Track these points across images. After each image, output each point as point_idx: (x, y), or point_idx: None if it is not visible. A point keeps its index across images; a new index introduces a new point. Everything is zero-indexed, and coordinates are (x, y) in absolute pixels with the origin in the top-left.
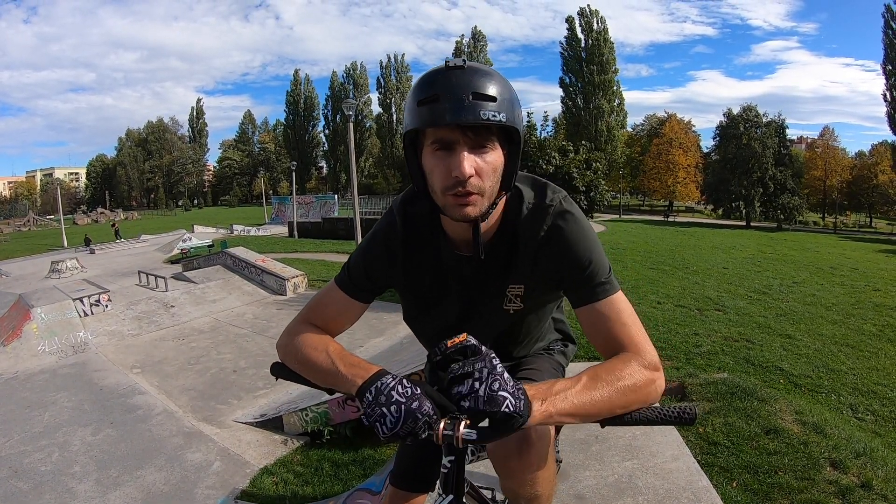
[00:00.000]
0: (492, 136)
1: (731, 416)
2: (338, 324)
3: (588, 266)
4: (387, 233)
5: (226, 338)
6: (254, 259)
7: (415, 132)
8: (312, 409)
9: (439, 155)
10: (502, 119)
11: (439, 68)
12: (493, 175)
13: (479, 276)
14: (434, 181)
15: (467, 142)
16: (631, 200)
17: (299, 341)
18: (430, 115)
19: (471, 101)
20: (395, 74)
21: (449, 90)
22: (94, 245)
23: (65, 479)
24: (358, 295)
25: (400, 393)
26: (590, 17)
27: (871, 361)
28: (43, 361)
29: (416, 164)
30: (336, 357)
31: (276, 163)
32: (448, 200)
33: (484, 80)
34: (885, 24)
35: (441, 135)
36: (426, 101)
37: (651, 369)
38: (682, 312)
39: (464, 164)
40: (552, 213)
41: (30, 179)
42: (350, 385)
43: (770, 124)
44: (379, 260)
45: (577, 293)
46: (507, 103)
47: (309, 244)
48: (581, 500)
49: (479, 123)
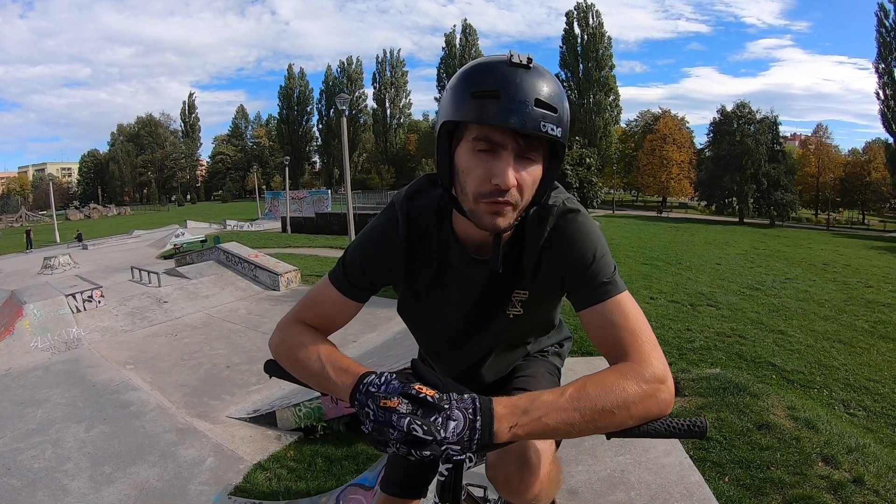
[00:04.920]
0: (540, 147)
1: (724, 412)
2: (332, 323)
3: (590, 265)
4: (386, 229)
5: (219, 333)
6: (247, 254)
7: (454, 124)
8: (306, 404)
9: (481, 156)
10: (558, 134)
11: (499, 60)
12: (531, 188)
13: (491, 282)
14: (468, 182)
15: (515, 148)
16: (624, 196)
17: (290, 341)
18: (485, 110)
19: (532, 108)
20: (390, 69)
21: (511, 89)
22: (86, 241)
23: (58, 476)
24: (353, 293)
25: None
26: (586, 12)
27: (863, 357)
28: (35, 358)
29: (448, 158)
30: (326, 360)
31: (270, 157)
32: (480, 206)
33: (548, 87)
34: (878, 22)
35: (489, 134)
36: (483, 95)
37: (653, 381)
38: (675, 308)
39: (508, 172)
40: (555, 214)
41: (22, 175)
42: (340, 391)
43: (763, 121)
44: (377, 258)
45: (579, 294)
46: (565, 116)
47: (302, 239)
48: (574, 494)
49: (536, 134)
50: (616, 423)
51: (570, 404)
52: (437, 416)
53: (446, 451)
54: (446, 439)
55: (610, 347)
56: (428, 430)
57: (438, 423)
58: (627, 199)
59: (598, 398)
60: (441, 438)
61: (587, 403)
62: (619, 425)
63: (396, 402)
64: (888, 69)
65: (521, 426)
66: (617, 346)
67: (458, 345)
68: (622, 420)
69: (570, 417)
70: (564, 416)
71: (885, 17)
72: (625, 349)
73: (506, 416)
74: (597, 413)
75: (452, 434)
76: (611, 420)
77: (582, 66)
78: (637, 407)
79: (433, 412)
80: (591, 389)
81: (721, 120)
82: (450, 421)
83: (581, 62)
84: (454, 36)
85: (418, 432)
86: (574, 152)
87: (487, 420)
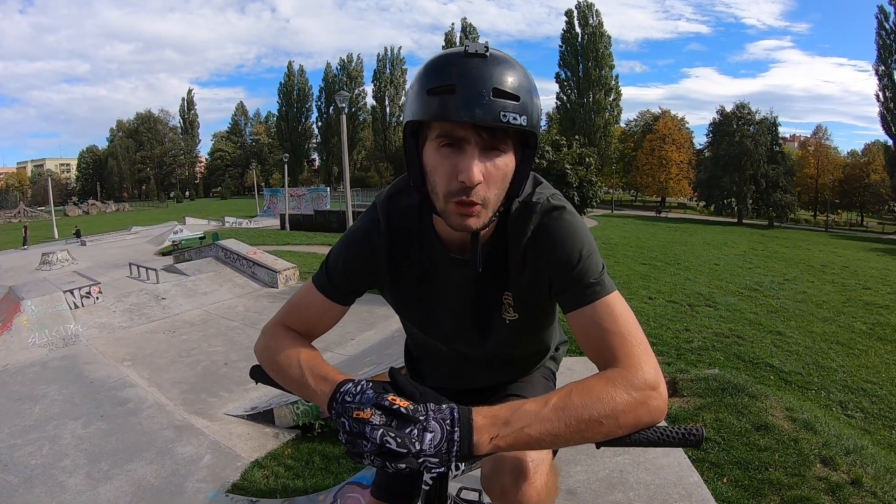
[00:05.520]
0: (507, 138)
1: (722, 413)
2: (316, 327)
3: (577, 264)
4: (368, 231)
5: (217, 330)
6: (245, 251)
7: (418, 123)
8: (303, 402)
9: (445, 152)
10: (523, 123)
11: (455, 52)
12: (501, 182)
13: (478, 283)
14: (436, 181)
15: (479, 142)
16: (623, 196)
17: (273, 346)
18: (441, 107)
19: (490, 99)
20: (389, 67)
21: (466, 82)
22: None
23: (55, 473)
24: (337, 297)
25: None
26: (585, 11)
27: (861, 359)
28: (33, 354)
29: (416, 157)
30: (306, 367)
31: (269, 155)
32: (450, 207)
33: (507, 74)
34: (878, 25)
35: (450, 130)
36: (438, 91)
37: (644, 388)
38: (673, 308)
39: (473, 168)
40: (539, 211)
41: (20, 171)
42: (319, 399)
43: (763, 122)
44: (360, 260)
45: (566, 296)
46: (530, 103)
47: (301, 237)
48: (572, 494)
49: (497, 126)
50: (604, 433)
51: (554, 414)
52: (412, 427)
53: (424, 464)
54: (422, 452)
55: (599, 352)
56: (402, 442)
57: (414, 436)
58: (626, 198)
59: (585, 408)
60: (416, 451)
61: (572, 413)
62: (608, 435)
63: (370, 413)
64: (888, 71)
65: (502, 437)
66: (606, 351)
67: (453, 349)
68: (611, 430)
69: (555, 428)
70: (548, 427)
71: (885, 19)
72: (614, 354)
73: (486, 427)
74: (583, 423)
75: (429, 446)
76: (598, 430)
77: (582, 66)
78: (627, 416)
79: (408, 424)
80: (577, 398)
81: (720, 120)
82: (426, 433)
83: (581, 61)
84: (453, 34)
85: (392, 444)
86: (574, 151)
87: (466, 432)
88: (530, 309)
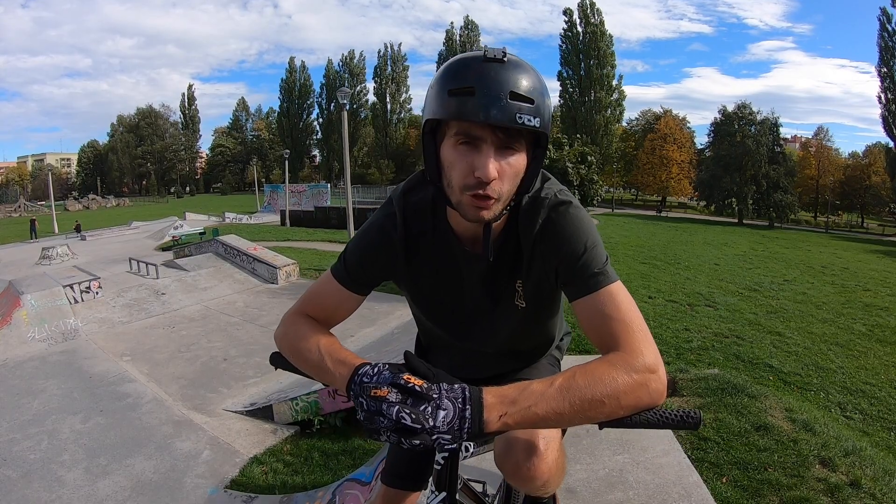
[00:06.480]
0: (521, 138)
1: (722, 413)
2: (334, 315)
3: (581, 255)
4: (384, 225)
5: (216, 326)
6: (245, 247)
7: (437, 121)
8: (302, 398)
9: (462, 150)
10: (536, 125)
11: (475, 56)
12: (514, 179)
13: (490, 275)
14: (453, 176)
15: (495, 141)
16: (624, 195)
17: (293, 333)
18: (461, 107)
19: (507, 102)
20: (391, 64)
21: (485, 85)
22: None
23: (54, 468)
24: (354, 287)
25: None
26: (586, 10)
27: (860, 361)
28: (33, 349)
29: (434, 153)
30: (325, 351)
31: (269, 151)
32: (465, 199)
33: (523, 78)
34: (880, 27)
35: (468, 129)
36: (458, 92)
37: (644, 371)
38: (673, 308)
39: (489, 166)
40: (546, 206)
41: (21, 165)
42: (338, 382)
43: (764, 122)
44: (376, 253)
45: (572, 286)
46: (543, 105)
47: (301, 233)
48: (572, 493)
49: (513, 127)
50: (606, 413)
51: (559, 394)
52: (426, 405)
53: (437, 440)
54: (436, 428)
55: (601, 338)
56: (416, 418)
57: (428, 413)
58: (627, 197)
59: (588, 388)
60: (430, 427)
61: (576, 393)
62: (610, 415)
63: (386, 391)
64: (890, 73)
65: (510, 415)
66: (608, 337)
67: (464, 339)
68: (612, 410)
69: (560, 407)
70: (553, 406)
71: (887, 21)
72: (616, 339)
73: (495, 406)
74: (586, 403)
75: (442, 423)
76: (601, 410)
77: (583, 64)
78: (627, 397)
79: (422, 401)
80: (581, 379)
81: (722, 120)
82: (439, 410)
83: (582, 60)
84: (454, 32)
85: (407, 421)
86: (575, 149)
87: (477, 409)
88: (538, 299)
